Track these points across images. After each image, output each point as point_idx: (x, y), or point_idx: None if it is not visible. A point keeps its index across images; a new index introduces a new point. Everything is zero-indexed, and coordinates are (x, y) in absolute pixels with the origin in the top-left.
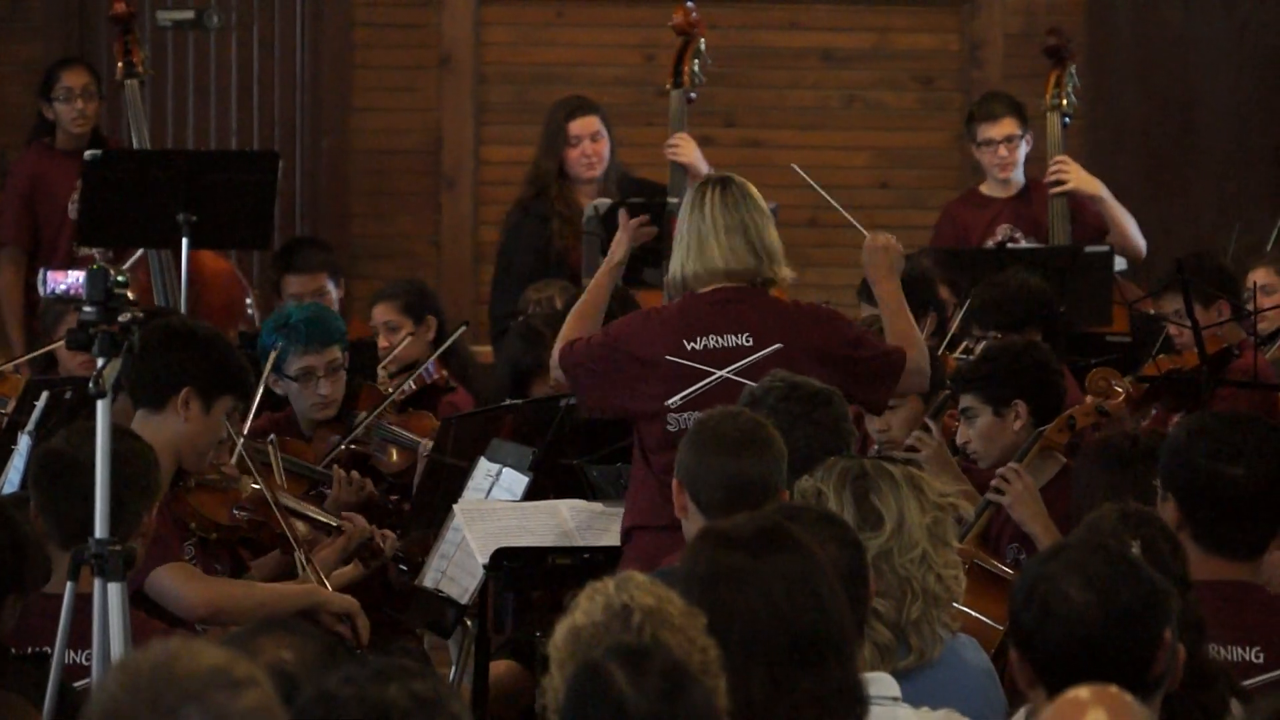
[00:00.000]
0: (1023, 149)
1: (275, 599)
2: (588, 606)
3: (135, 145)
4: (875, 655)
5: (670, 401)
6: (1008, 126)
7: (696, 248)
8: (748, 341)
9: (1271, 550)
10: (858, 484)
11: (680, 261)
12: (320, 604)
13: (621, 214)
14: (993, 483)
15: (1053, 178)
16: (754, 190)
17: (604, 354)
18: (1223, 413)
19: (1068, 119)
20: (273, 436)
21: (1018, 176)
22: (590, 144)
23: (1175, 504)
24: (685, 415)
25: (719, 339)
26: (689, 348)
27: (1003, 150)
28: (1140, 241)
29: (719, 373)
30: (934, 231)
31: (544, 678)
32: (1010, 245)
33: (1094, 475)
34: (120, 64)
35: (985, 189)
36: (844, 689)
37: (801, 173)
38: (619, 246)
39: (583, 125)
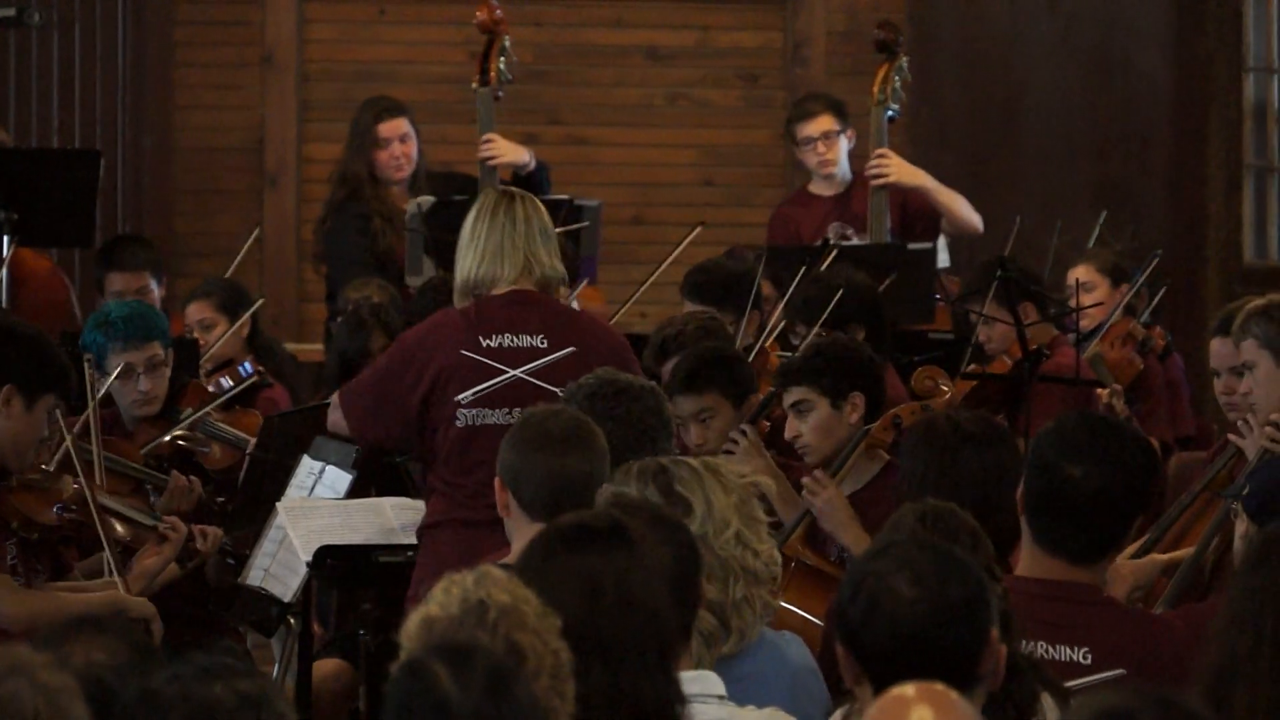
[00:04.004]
0: (843, 144)
1: (82, 609)
2: (444, 599)
3: None
4: (700, 644)
5: (461, 397)
6: (824, 123)
7: (494, 252)
8: (542, 343)
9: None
10: (659, 478)
11: (473, 264)
12: (123, 609)
13: None
14: (805, 483)
15: (873, 172)
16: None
17: (391, 371)
18: (1087, 413)
19: (893, 113)
20: (79, 424)
21: (842, 173)
22: (399, 146)
23: (1022, 501)
24: (474, 411)
25: (514, 338)
26: (484, 344)
27: (820, 147)
28: (974, 217)
29: (513, 371)
30: (767, 233)
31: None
32: (840, 242)
33: (915, 456)
34: None
35: (813, 187)
36: (618, 695)
37: None
38: None
39: (391, 128)
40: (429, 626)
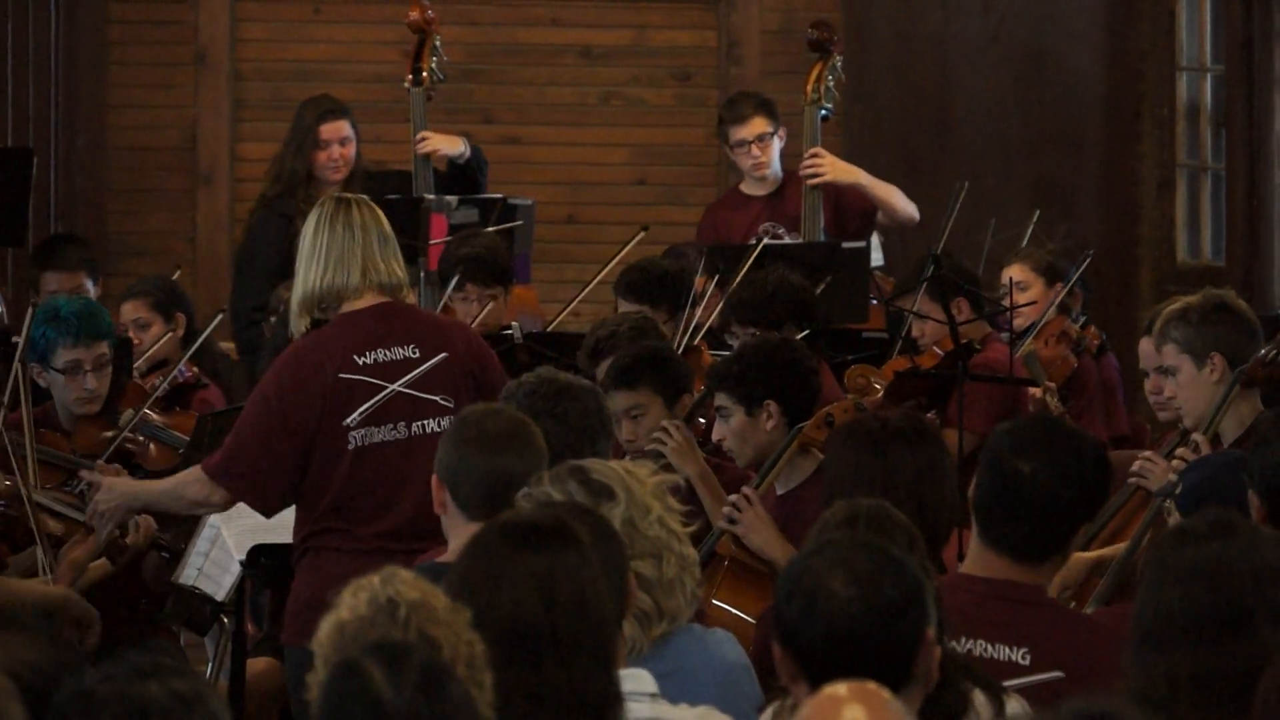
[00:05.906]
0: (776, 145)
1: (38, 597)
2: (352, 602)
3: None
4: (636, 627)
5: (349, 420)
6: (758, 126)
7: (337, 262)
8: (414, 353)
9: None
10: (576, 473)
11: (317, 276)
12: (68, 608)
13: None
14: (724, 510)
15: (807, 171)
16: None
17: (271, 436)
18: (1045, 414)
19: (826, 112)
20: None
21: (774, 173)
22: (339, 148)
23: (972, 497)
24: (362, 432)
25: (387, 352)
26: (360, 362)
27: (755, 150)
28: (910, 208)
29: (392, 386)
30: (697, 233)
31: (309, 674)
32: (771, 241)
33: (843, 456)
34: None
35: (745, 188)
36: (570, 692)
37: None
38: None
39: (333, 130)
40: (340, 630)
